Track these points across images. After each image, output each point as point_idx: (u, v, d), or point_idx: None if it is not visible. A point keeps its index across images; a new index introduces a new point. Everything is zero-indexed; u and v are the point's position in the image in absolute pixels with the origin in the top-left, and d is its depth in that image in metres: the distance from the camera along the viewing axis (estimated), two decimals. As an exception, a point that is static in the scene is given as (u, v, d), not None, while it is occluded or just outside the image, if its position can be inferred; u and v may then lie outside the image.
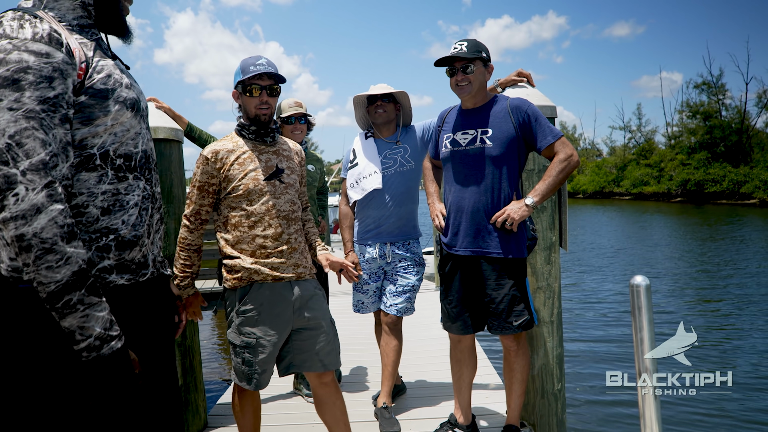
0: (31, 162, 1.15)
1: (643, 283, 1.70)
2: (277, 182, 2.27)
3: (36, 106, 1.17)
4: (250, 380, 2.26)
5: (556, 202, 2.94)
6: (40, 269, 1.15)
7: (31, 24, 1.22)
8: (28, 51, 1.18)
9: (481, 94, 2.61)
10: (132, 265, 1.39)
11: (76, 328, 1.19)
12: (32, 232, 1.14)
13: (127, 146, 1.38)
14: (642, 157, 53.66)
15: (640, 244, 18.84)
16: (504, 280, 2.53)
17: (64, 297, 1.17)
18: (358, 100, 3.23)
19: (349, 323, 5.42)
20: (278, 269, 2.24)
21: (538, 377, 2.96)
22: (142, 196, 1.42)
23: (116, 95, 1.34)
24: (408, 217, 3.23)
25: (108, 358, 1.22)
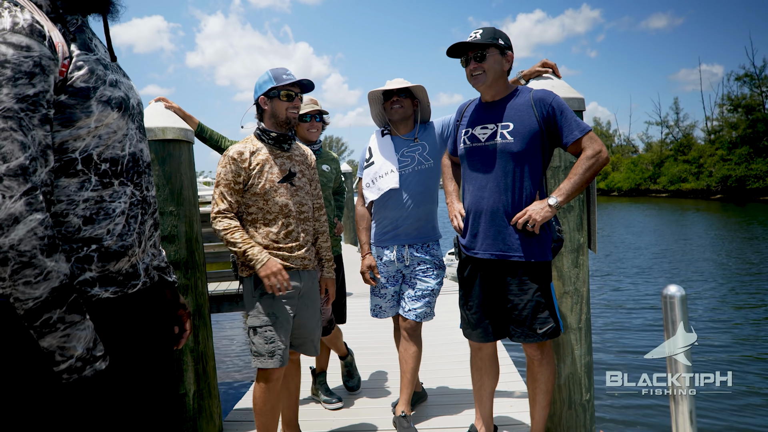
0: (8, 167, 1.04)
1: (678, 294, 1.52)
2: (289, 185, 2.52)
3: (14, 104, 1.06)
4: (274, 355, 2.45)
5: (585, 201, 2.75)
6: (17, 285, 1.05)
7: (10, 12, 1.10)
8: (6, 43, 1.07)
9: (499, 84, 2.44)
10: (118, 276, 1.27)
11: (56, 348, 1.09)
12: (9, 244, 1.03)
13: (114, 149, 1.26)
14: (680, 153, 52.15)
15: (679, 244, 18.18)
16: (527, 286, 2.36)
17: (43, 315, 1.07)
18: (374, 96, 3.10)
19: (369, 327, 5.30)
20: (287, 260, 2.50)
21: (565, 387, 2.78)
22: (130, 202, 1.30)
23: (99, 94, 1.21)
24: (427, 218, 3.08)
25: (91, 381, 1.13)
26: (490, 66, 2.36)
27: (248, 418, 3.32)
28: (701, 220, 26.95)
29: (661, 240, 19.34)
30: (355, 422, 3.23)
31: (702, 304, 9.51)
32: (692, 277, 12.22)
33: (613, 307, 9.54)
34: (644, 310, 9.31)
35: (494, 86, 2.42)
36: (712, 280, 11.81)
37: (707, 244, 17.90)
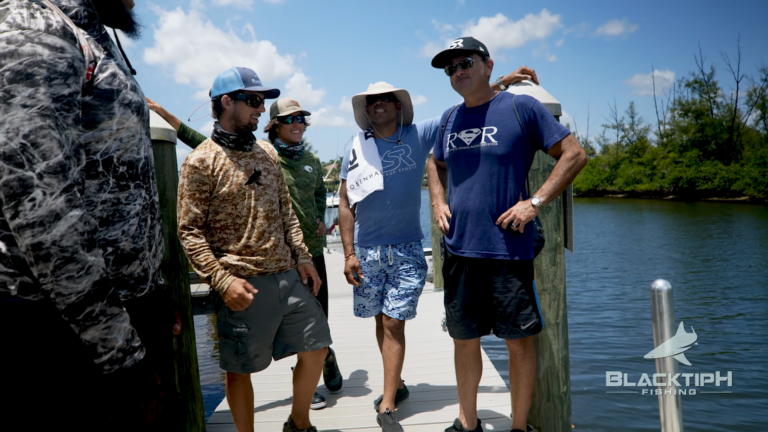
0: (48, 164, 1.05)
1: (665, 288, 1.64)
2: (256, 185, 2.45)
3: (51, 103, 1.07)
4: (245, 365, 2.48)
5: (561, 202, 2.88)
6: (60, 280, 1.06)
7: (42, 14, 1.12)
8: (42, 44, 1.08)
9: (483, 90, 2.53)
10: (130, 280, 1.30)
11: (98, 341, 1.11)
12: (51, 240, 1.05)
13: (131, 153, 1.29)
14: (635, 156, 53.95)
15: (638, 243, 18.79)
16: (511, 283, 2.47)
17: (86, 308, 1.09)
18: (357, 100, 3.16)
19: (350, 326, 5.35)
20: (262, 265, 2.45)
21: (544, 380, 2.90)
22: (143, 205, 1.33)
23: (121, 97, 1.25)
24: (410, 219, 3.16)
25: (131, 371, 1.16)
26: (475, 71, 2.45)
27: (229, 420, 3.32)
28: (659, 219, 27.93)
29: (625, 240, 19.88)
30: (339, 421, 3.27)
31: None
32: (652, 273, 12.69)
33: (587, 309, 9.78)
34: (614, 310, 9.55)
35: (478, 91, 2.51)
36: (667, 275, 12.29)
37: (669, 242, 18.58)
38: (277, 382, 3.88)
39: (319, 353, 2.62)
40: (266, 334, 2.49)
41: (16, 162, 1.03)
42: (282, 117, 3.21)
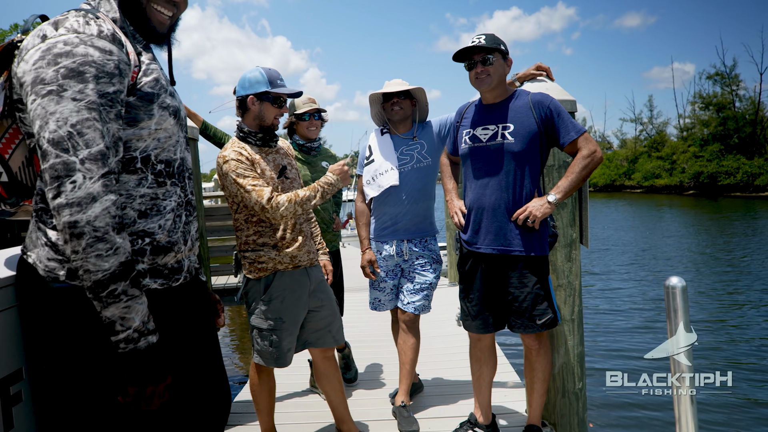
0: (90, 152, 1.17)
1: (679, 285, 1.65)
2: (284, 179, 2.53)
3: (97, 98, 1.20)
4: (277, 360, 2.53)
5: (577, 198, 2.89)
6: (89, 257, 1.16)
7: (96, 21, 1.26)
8: (93, 46, 1.22)
9: (501, 87, 2.55)
10: (165, 270, 1.40)
11: (117, 319, 1.20)
12: (86, 219, 1.15)
13: (168, 152, 1.40)
14: (653, 150, 53.21)
15: (659, 239, 18.49)
16: (527, 278, 2.49)
17: (110, 286, 1.18)
18: (374, 98, 3.19)
19: (366, 320, 5.40)
20: (296, 257, 2.52)
21: (559, 376, 2.92)
22: (178, 202, 1.44)
23: (161, 100, 1.37)
24: (425, 214, 3.19)
25: (144, 352, 1.24)
26: (495, 69, 2.47)
27: (248, 410, 3.40)
28: (679, 215, 27.46)
29: (645, 236, 19.58)
30: (354, 412, 3.30)
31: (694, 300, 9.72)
32: (669, 270, 12.54)
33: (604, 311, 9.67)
34: (635, 311, 9.38)
35: (496, 89, 2.53)
36: (686, 272, 12.14)
37: (690, 239, 18.22)
38: (295, 374, 3.93)
39: (327, 350, 2.71)
40: (297, 328, 2.58)
41: (62, 147, 1.15)
42: (299, 114, 3.27)
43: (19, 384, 1.38)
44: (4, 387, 1.33)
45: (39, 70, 1.18)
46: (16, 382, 1.37)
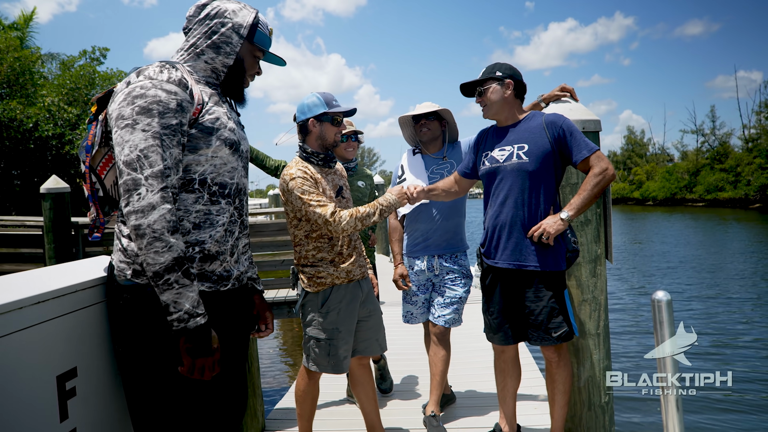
0: (152, 170, 1.47)
1: (665, 299, 1.73)
2: (341, 198, 2.73)
3: (161, 129, 1.50)
4: (335, 367, 2.68)
5: (602, 215, 2.95)
6: (149, 253, 1.44)
7: (168, 71, 1.59)
8: (162, 89, 1.54)
9: (507, 110, 2.70)
10: (213, 276, 1.66)
11: (171, 302, 1.46)
12: (147, 223, 1.44)
13: (223, 177, 1.68)
14: (716, 162, 50.98)
15: (725, 257, 17.50)
16: (542, 293, 2.59)
17: (164, 276, 1.45)
18: (404, 120, 3.37)
19: (402, 334, 5.54)
20: (351, 272, 2.70)
21: (585, 389, 2.97)
22: (230, 220, 1.70)
23: (219, 134, 1.65)
24: (455, 230, 3.33)
25: (192, 332, 1.49)
26: (489, 98, 2.67)
27: (288, 417, 3.60)
28: (745, 230, 26.03)
29: (710, 252, 18.73)
30: (388, 422, 3.45)
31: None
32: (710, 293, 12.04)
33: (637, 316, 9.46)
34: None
35: (501, 113, 2.70)
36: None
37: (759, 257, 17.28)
38: (333, 383, 4.11)
39: (363, 358, 2.86)
40: (352, 336, 2.74)
41: (132, 167, 1.46)
42: (337, 136, 3.48)
43: (73, 380, 1.60)
44: (61, 383, 1.55)
45: (121, 109, 1.51)
46: (70, 378, 1.59)
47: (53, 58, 21.18)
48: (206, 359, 1.53)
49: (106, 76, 18.05)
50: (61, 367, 1.54)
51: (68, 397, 1.56)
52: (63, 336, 1.56)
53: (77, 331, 1.62)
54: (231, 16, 1.75)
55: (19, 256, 7.28)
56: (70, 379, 1.58)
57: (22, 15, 20.73)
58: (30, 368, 1.43)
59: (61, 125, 15.68)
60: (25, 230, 7.41)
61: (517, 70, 2.72)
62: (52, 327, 1.52)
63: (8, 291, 1.46)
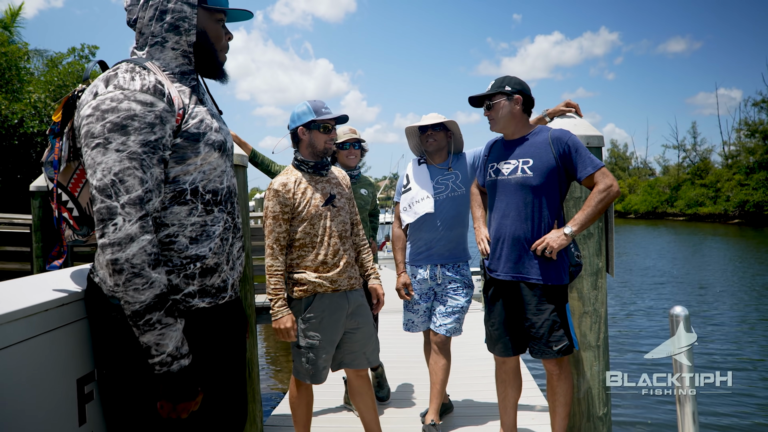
0: (129, 197, 1.31)
1: (683, 314, 1.77)
2: (331, 207, 2.70)
3: (138, 148, 1.34)
4: (312, 376, 2.69)
5: (603, 229, 3.00)
6: (128, 290, 1.30)
7: (140, 76, 1.40)
8: (136, 101, 1.35)
9: (514, 125, 2.74)
10: (212, 289, 1.55)
11: (153, 344, 1.34)
12: (125, 257, 1.30)
13: (214, 183, 1.55)
14: (697, 177, 51.90)
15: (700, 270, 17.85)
16: (544, 306, 2.62)
17: (145, 316, 1.32)
18: (411, 131, 3.40)
19: (399, 342, 5.55)
20: (336, 282, 2.67)
21: (584, 400, 3.01)
22: (224, 227, 1.58)
23: (206, 138, 1.50)
24: (458, 240, 3.35)
25: (176, 375, 1.37)
26: (497, 112, 2.71)
27: (285, 423, 3.58)
28: (723, 245, 26.48)
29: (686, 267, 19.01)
30: (387, 430, 3.45)
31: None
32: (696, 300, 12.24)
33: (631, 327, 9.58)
34: (657, 329, 9.32)
35: (508, 127, 2.74)
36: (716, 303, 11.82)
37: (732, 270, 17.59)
38: (330, 391, 4.10)
39: (361, 369, 2.84)
40: (333, 347, 2.72)
41: (106, 194, 1.30)
42: (339, 143, 3.50)
43: (91, 384, 1.58)
44: (80, 386, 1.54)
45: (90, 125, 1.34)
46: (89, 382, 1.58)
47: (40, 54, 20.91)
48: (188, 403, 1.41)
49: (94, 75, 17.81)
50: (81, 370, 1.54)
51: (87, 401, 1.55)
52: (84, 339, 1.56)
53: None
54: None
55: (5, 254, 7.15)
56: (89, 383, 1.57)
57: (10, 10, 20.45)
58: (54, 370, 1.43)
59: (47, 122, 15.45)
60: (12, 228, 7.28)
61: (526, 85, 2.76)
62: (74, 330, 1.51)
63: (35, 293, 1.46)
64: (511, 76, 2.75)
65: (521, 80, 2.75)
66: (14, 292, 1.50)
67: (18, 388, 1.29)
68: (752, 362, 7.81)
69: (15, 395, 1.27)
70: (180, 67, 1.57)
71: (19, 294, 1.47)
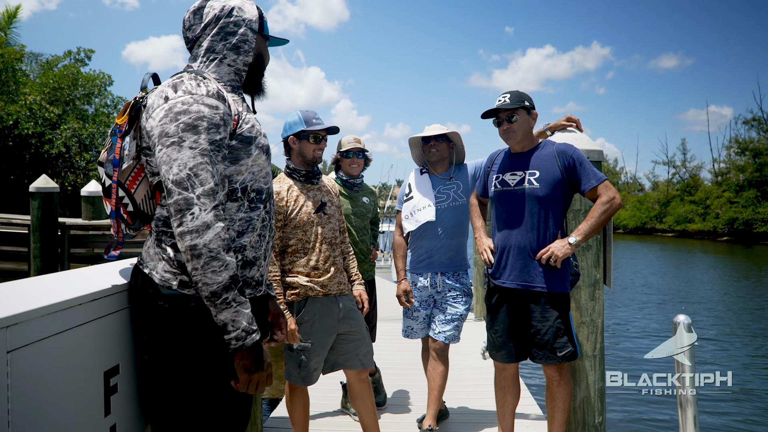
0: (204, 189, 1.45)
1: (686, 321, 1.85)
2: (322, 214, 2.80)
3: (208, 146, 1.49)
4: (304, 378, 2.76)
5: (602, 241, 3.09)
6: (207, 273, 1.42)
7: (204, 83, 1.57)
8: (204, 104, 1.52)
9: (527, 139, 2.83)
10: (252, 282, 1.68)
11: (229, 321, 1.45)
12: (203, 243, 1.42)
13: (260, 182, 1.69)
14: (686, 194, 52.35)
15: (687, 284, 18.05)
16: (549, 313, 2.70)
17: (223, 295, 1.44)
18: (414, 141, 3.48)
19: (396, 348, 5.60)
20: (327, 287, 2.76)
21: (580, 409, 3.08)
22: (263, 224, 1.72)
23: (257, 142, 1.67)
24: (458, 249, 3.43)
25: (250, 348, 1.49)
26: (519, 125, 2.78)
27: (284, 426, 3.62)
28: (711, 262, 26.74)
29: (674, 282, 19.19)
30: (384, 434, 3.51)
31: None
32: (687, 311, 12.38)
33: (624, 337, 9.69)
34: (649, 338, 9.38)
35: (523, 141, 2.83)
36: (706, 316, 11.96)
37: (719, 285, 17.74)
38: (327, 395, 4.16)
39: (361, 372, 2.91)
40: (325, 350, 2.80)
41: (183, 186, 1.44)
42: (343, 152, 3.58)
43: (116, 377, 1.64)
44: (106, 378, 1.60)
45: (164, 126, 1.48)
46: (114, 375, 1.63)
47: (35, 57, 20.91)
48: (261, 374, 1.54)
49: (89, 77, 17.90)
50: (108, 363, 1.59)
51: (111, 393, 1.61)
52: (111, 333, 1.61)
53: (121, 330, 1.66)
54: (240, 14, 1.72)
55: (2, 253, 7.16)
56: (114, 376, 1.62)
57: (7, 12, 20.49)
58: (85, 362, 1.48)
59: (42, 124, 15.48)
60: (11, 228, 7.28)
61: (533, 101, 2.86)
62: (103, 324, 1.57)
63: (67, 288, 1.51)
64: (521, 92, 2.83)
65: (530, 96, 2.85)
66: (51, 286, 1.56)
67: (56, 378, 1.35)
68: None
69: (50, 385, 1.33)
70: (231, 82, 1.73)
71: (56, 287, 1.53)
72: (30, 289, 1.51)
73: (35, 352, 1.27)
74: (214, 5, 1.72)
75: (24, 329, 1.23)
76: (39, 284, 1.59)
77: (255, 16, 1.75)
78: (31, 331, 1.25)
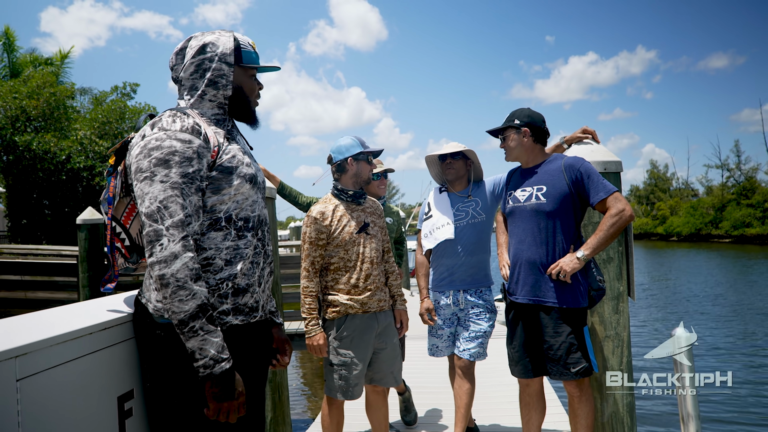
0: (173, 221, 1.51)
1: (684, 334, 1.82)
2: (365, 234, 2.90)
3: (179, 179, 1.55)
4: (345, 392, 2.86)
5: (624, 253, 3.04)
6: (174, 302, 1.48)
7: (180, 119, 1.63)
8: (176, 139, 1.58)
9: (527, 155, 2.88)
10: (245, 308, 1.73)
11: (196, 349, 1.50)
12: (170, 273, 1.48)
13: (246, 211, 1.74)
14: (743, 197, 50.19)
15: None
16: (561, 328, 2.68)
17: (189, 323, 1.49)
18: (431, 159, 3.53)
19: (427, 367, 5.59)
20: (366, 304, 2.86)
21: (609, 425, 3.01)
22: (255, 251, 1.77)
23: (238, 171, 1.70)
24: (479, 266, 3.43)
25: (218, 377, 1.52)
26: (508, 145, 2.88)
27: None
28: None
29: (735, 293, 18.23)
30: (413, 453, 3.52)
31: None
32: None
33: None
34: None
35: (521, 157, 2.89)
36: None
37: None
38: (360, 412, 4.18)
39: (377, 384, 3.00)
40: (365, 364, 2.89)
41: (153, 219, 1.51)
42: (374, 174, 3.67)
43: (131, 401, 1.74)
44: (120, 403, 1.69)
45: (139, 162, 1.57)
46: (128, 399, 1.73)
47: (85, 93, 22.02)
48: (231, 403, 1.57)
49: (135, 110, 18.70)
50: (122, 388, 1.68)
51: (126, 417, 1.70)
52: (124, 359, 1.71)
53: (134, 356, 1.76)
54: (213, 49, 1.76)
55: (53, 284, 7.54)
56: (128, 400, 1.71)
57: (60, 52, 21.72)
58: (98, 388, 1.58)
59: (92, 157, 16.23)
60: (61, 259, 7.68)
61: (536, 116, 2.87)
62: (116, 351, 1.67)
63: (80, 318, 1.62)
64: (522, 109, 2.88)
65: (532, 112, 2.86)
66: (68, 316, 1.68)
67: (68, 403, 1.45)
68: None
69: (65, 409, 1.43)
70: (215, 116, 1.79)
71: (73, 317, 1.65)
72: (44, 320, 1.63)
73: (45, 380, 1.36)
74: (192, 44, 1.78)
75: (34, 358, 1.33)
76: (53, 315, 1.70)
77: (229, 49, 1.78)
78: (42, 360, 1.35)
